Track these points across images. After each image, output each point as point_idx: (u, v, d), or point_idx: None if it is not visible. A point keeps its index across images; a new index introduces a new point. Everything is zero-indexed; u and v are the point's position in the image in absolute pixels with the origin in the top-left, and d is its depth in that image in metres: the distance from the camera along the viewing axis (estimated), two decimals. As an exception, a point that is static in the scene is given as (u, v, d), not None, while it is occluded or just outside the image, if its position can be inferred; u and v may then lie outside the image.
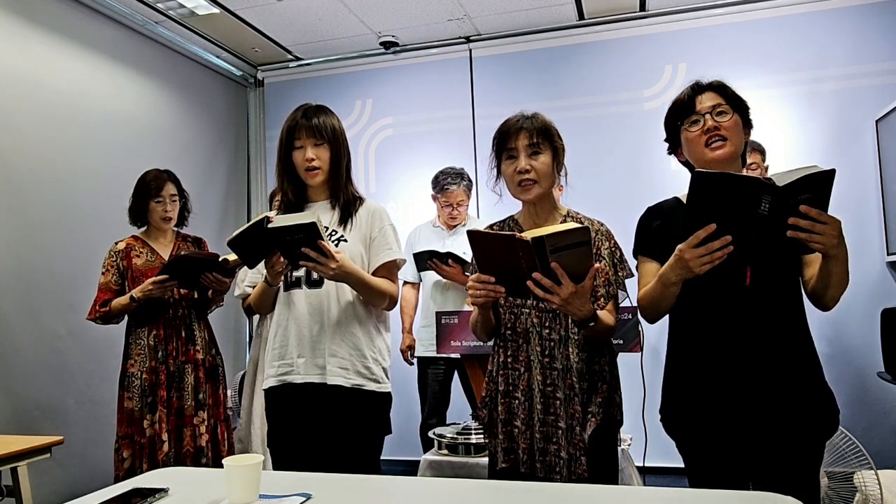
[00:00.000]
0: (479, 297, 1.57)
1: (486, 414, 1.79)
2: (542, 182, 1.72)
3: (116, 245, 2.84)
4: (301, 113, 2.00)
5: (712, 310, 1.56)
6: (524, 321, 1.72)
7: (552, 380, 1.67)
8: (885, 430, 3.51)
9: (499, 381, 1.75)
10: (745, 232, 1.33)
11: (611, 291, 1.72)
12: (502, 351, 1.76)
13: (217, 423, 2.84)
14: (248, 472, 1.24)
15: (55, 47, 3.36)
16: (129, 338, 2.79)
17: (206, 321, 2.92)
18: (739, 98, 1.61)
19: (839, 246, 1.34)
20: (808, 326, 1.56)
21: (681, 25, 4.08)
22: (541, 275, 1.46)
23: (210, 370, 2.85)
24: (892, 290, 3.56)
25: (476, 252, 1.55)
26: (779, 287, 1.52)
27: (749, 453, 1.53)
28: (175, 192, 2.86)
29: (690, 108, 1.61)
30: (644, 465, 2.77)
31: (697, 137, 1.58)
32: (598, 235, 1.76)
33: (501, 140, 1.75)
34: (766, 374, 1.50)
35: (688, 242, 1.37)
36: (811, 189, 1.28)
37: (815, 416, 1.51)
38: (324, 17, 4.08)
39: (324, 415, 1.93)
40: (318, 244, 1.77)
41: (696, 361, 1.59)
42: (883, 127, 3.60)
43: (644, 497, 1.36)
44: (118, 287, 2.79)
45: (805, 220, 1.29)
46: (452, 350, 2.78)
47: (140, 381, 2.72)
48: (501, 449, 1.73)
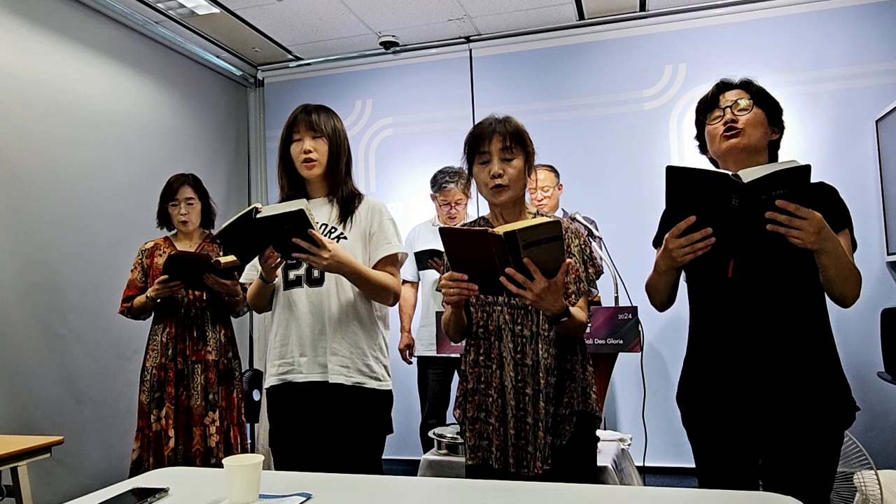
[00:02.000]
0: (452, 295, 1.58)
1: (461, 412, 1.80)
2: (513, 186, 1.73)
3: (146, 244, 2.93)
4: (301, 109, 2.03)
5: (708, 306, 1.62)
6: (496, 318, 1.74)
7: (522, 376, 1.70)
8: (885, 431, 3.51)
9: (469, 378, 1.77)
10: (722, 225, 1.37)
11: (581, 288, 1.74)
12: (474, 349, 1.78)
13: (230, 426, 2.85)
14: (248, 472, 1.24)
15: (55, 47, 3.36)
16: (150, 333, 2.87)
17: (224, 324, 2.91)
18: (766, 95, 1.62)
19: (821, 240, 1.35)
20: (825, 326, 1.55)
21: (681, 25, 4.08)
22: (513, 270, 1.47)
23: (224, 373, 2.85)
24: (892, 290, 3.57)
25: (448, 250, 1.55)
26: (769, 281, 1.52)
27: (756, 448, 1.54)
28: (192, 195, 2.89)
29: (714, 103, 1.63)
30: (644, 465, 2.77)
31: (716, 129, 1.61)
32: (568, 233, 1.78)
33: (474, 143, 1.75)
34: (764, 372, 1.51)
35: (671, 233, 1.44)
36: (786, 185, 1.30)
37: (824, 408, 1.49)
38: (324, 17, 4.08)
39: (326, 413, 1.93)
40: (309, 233, 1.76)
41: (704, 355, 1.63)
42: (883, 127, 3.60)
43: (644, 497, 1.36)
44: (143, 284, 2.86)
45: (782, 215, 1.31)
46: (452, 350, 2.78)
47: (151, 376, 2.78)
48: (469, 446, 1.76)
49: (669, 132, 4.05)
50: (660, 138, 4.07)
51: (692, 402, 1.64)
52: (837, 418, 1.51)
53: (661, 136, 4.06)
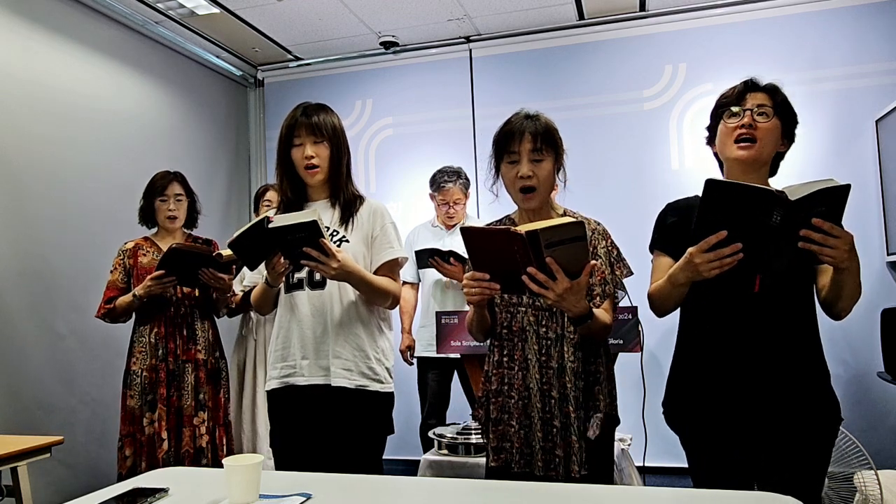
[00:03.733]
0: (474, 294, 1.55)
1: (483, 413, 1.78)
2: (542, 188, 1.70)
3: (126, 244, 2.88)
4: (301, 111, 1.99)
5: (720, 314, 1.57)
6: (520, 320, 1.71)
7: (548, 378, 1.67)
8: (885, 431, 3.51)
9: (493, 380, 1.75)
10: (756, 241, 1.34)
11: (607, 290, 1.70)
12: (498, 350, 1.75)
13: (216, 426, 2.83)
14: (248, 472, 1.24)
15: (55, 47, 3.36)
16: (133, 336, 2.81)
17: (211, 323, 2.91)
18: (789, 106, 1.59)
19: (850, 259, 1.34)
20: (818, 335, 1.57)
21: (681, 25, 4.08)
22: (535, 269, 1.44)
23: (212, 372, 2.84)
24: (892, 290, 3.56)
25: (470, 249, 1.53)
26: (789, 296, 1.52)
27: (751, 452, 1.54)
28: (181, 191, 2.87)
29: (737, 101, 1.58)
30: (644, 465, 2.77)
31: (731, 131, 1.57)
32: (595, 234, 1.75)
33: (503, 141, 1.71)
34: (769, 379, 1.51)
35: (698, 247, 1.38)
36: (825, 203, 1.29)
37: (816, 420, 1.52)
38: (324, 17, 4.08)
39: (327, 416, 1.93)
40: (320, 243, 1.76)
41: (703, 362, 1.60)
42: (883, 127, 3.60)
43: (644, 497, 1.36)
44: (124, 285, 2.81)
45: (817, 234, 1.30)
46: (452, 350, 2.78)
47: (140, 378, 2.73)
48: (492, 448, 1.74)
49: (669, 132, 4.05)
50: (660, 138, 4.06)
51: (684, 406, 1.63)
52: (828, 423, 1.54)
53: (661, 136, 4.06)
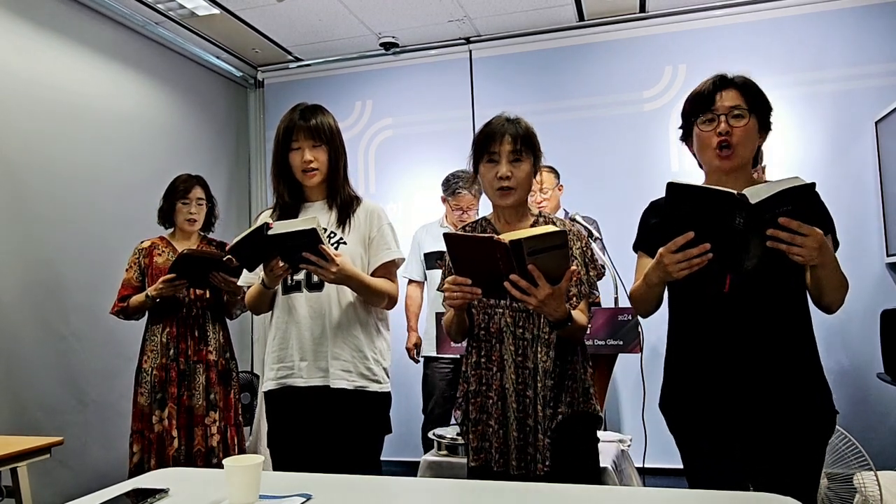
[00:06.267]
0: (455, 298, 1.59)
1: (462, 413, 1.81)
2: (520, 189, 1.74)
3: (142, 243, 2.92)
4: (298, 113, 1.99)
5: (696, 314, 1.60)
6: (497, 321, 1.74)
7: (523, 378, 1.70)
8: (885, 431, 3.51)
9: (471, 380, 1.78)
10: (723, 241, 1.35)
11: (582, 291, 1.75)
12: (475, 351, 1.78)
13: (227, 426, 2.85)
14: (248, 472, 1.24)
15: (56, 47, 3.36)
16: (145, 334, 2.85)
17: (223, 324, 2.94)
18: (762, 99, 1.58)
19: (822, 255, 1.34)
20: (809, 331, 1.57)
21: (681, 26, 4.09)
22: (518, 276, 1.48)
23: (223, 373, 2.86)
24: (892, 290, 3.56)
25: (452, 254, 1.57)
26: (765, 295, 1.52)
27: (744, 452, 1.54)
28: (202, 195, 2.93)
29: (709, 103, 1.55)
30: (644, 465, 2.77)
31: (709, 138, 1.55)
32: (570, 235, 1.77)
33: (484, 142, 1.74)
34: (751, 377, 1.51)
35: (667, 247, 1.40)
36: (791, 202, 1.29)
37: (807, 416, 1.51)
38: (324, 18, 4.08)
39: (325, 417, 1.93)
40: (319, 248, 1.77)
41: (687, 362, 1.62)
42: (882, 128, 3.60)
43: (644, 497, 1.36)
44: (139, 284, 2.86)
45: (784, 233, 1.30)
46: (453, 350, 2.78)
47: (150, 376, 2.77)
48: (472, 448, 1.76)
49: (669, 133, 4.05)
50: (660, 139, 4.06)
51: (678, 408, 1.63)
52: (822, 423, 1.53)
53: (662, 137, 4.06)
